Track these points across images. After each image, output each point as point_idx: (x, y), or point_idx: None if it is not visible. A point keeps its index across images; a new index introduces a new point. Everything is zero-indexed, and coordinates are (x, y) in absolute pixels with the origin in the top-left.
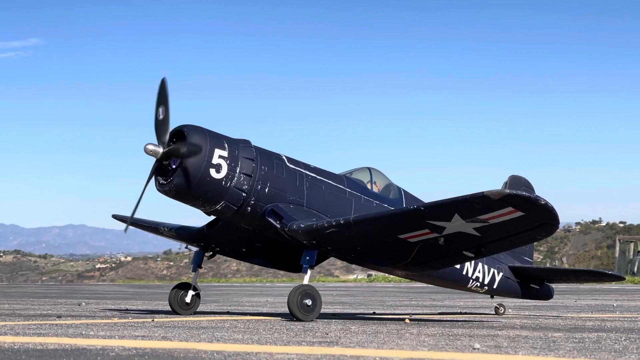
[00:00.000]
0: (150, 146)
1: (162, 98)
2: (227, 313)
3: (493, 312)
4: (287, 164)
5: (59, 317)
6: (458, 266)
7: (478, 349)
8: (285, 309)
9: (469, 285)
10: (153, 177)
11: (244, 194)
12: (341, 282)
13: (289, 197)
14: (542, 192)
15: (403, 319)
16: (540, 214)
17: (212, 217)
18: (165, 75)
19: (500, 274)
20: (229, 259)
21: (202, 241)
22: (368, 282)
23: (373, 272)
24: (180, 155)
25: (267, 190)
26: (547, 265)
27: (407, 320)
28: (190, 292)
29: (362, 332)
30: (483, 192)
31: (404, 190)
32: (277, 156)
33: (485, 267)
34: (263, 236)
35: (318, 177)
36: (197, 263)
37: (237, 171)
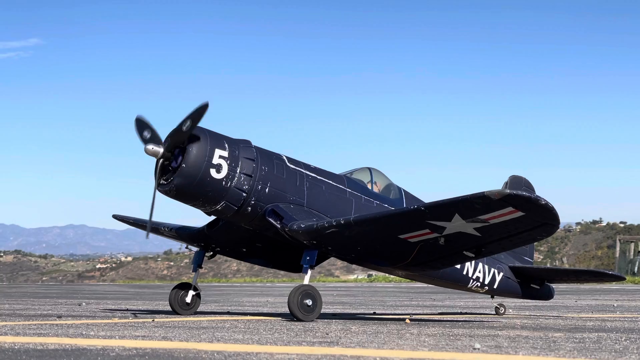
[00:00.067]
0: (151, 146)
1: (196, 115)
2: (228, 313)
3: (493, 312)
4: (288, 164)
5: (59, 317)
6: (458, 266)
7: (478, 349)
8: (286, 309)
9: (469, 286)
10: (154, 177)
11: (244, 194)
12: (341, 282)
13: (289, 197)
14: (543, 192)
15: (403, 319)
16: (540, 214)
17: (213, 217)
18: (209, 101)
19: (501, 274)
20: (229, 259)
21: (203, 241)
22: (368, 282)
23: (373, 272)
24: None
25: (267, 190)
26: (548, 265)
27: (407, 321)
28: (191, 292)
29: (362, 332)
30: (483, 192)
31: (404, 190)
32: (278, 156)
33: (486, 267)
34: (263, 236)
35: (318, 177)
36: (197, 263)
37: (238, 171)
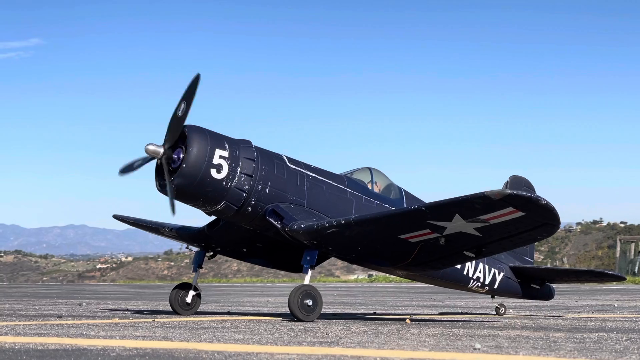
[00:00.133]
0: (151, 147)
1: (188, 94)
2: (228, 313)
3: (494, 312)
4: (288, 164)
5: (59, 317)
6: (459, 266)
7: (479, 349)
8: (286, 309)
9: (469, 286)
10: (154, 177)
11: (244, 194)
12: (342, 282)
13: (289, 197)
14: (543, 192)
15: (404, 319)
16: (541, 214)
17: (213, 217)
18: (199, 73)
19: (501, 274)
20: (229, 259)
21: (203, 241)
22: (369, 282)
23: (374, 272)
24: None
25: (267, 190)
26: (548, 265)
27: (407, 321)
28: (191, 292)
29: (362, 333)
30: (484, 192)
31: (404, 190)
32: (278, 156)
33: (486, 267)
34: (264, 236)
35: (319, 178)
36: (197, 263)
37: (238, 171)
